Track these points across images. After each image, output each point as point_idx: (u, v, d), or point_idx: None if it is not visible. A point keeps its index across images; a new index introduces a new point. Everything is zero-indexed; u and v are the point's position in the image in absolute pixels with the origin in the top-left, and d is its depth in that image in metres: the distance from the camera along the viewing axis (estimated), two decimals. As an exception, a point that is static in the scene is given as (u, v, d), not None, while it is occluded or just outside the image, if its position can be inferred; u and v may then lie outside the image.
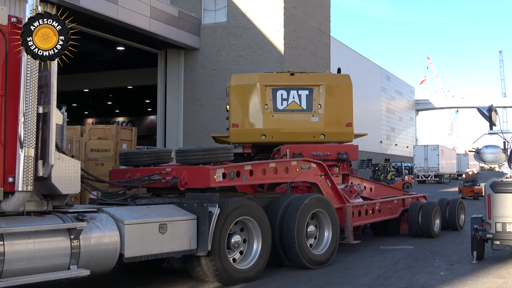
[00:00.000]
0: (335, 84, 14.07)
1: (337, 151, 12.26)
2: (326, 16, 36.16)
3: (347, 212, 10.86)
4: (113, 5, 25.17)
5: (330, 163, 11.98)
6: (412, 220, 13.19)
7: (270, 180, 9.83)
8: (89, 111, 60.70)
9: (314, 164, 10.60)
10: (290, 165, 9.98)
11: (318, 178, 10.60)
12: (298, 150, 11.74)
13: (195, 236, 7.73)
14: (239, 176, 8.76)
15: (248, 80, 14.72)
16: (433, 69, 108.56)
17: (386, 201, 13.24)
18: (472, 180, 29.15)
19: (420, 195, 14.97)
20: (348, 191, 11.74)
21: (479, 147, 10.66)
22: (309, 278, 8.55)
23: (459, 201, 15.06)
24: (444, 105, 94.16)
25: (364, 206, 12.01)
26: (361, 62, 61.32)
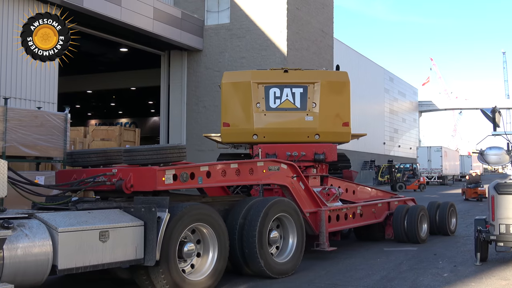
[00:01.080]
0: (331, 81, 13.49)
1: (314, 151, 11.53)
2: (329, 18, 36.18)
3: (322, 217, 10.13)
4: (117, 6, 25.22)
5: (307, 164, 11.36)
6: (397, 225, 12.35)
7: (232, 182, 9.06)
8: (92, 112, 60.86)
9: (284, 165, 9.80)
10: (255, 166, 9.12)
11: (289, 180, 9.80)
12: (272, 150, 11.23)
13: (142, 244, 6.99)
14: (194, 178, 7.94)
15: (240, 77, 14.16)
16: (436, 71, 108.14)
17: (369, 204, 12.41)
18: (476, 181, 29.07)
19: (408, 198, 14.26)
20: (326, 194, 10.98)
21: (482, 149, 10.62)
22: (310, 281, 8.53)
23: (450, 204, 14.08)
24: (447, 106, 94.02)
25: (343, 210, 11.13)
26: (364, 64, 61.27)
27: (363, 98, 59.28)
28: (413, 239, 12.17)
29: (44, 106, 20.33)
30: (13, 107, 13.14)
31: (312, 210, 10.16)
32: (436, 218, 13.59)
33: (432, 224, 13.42)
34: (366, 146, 60.36)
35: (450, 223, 13.85)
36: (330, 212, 10.56)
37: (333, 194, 11.03)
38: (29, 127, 12.04)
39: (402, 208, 12.55)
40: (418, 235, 12.26)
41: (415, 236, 12.18)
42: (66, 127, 12.73)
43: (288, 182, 9.76)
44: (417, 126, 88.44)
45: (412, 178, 42.66)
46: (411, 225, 12.23)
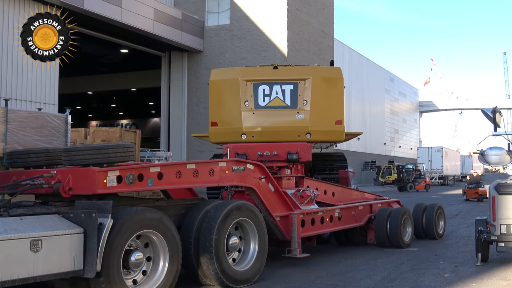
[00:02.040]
0: (323, 77, 12.91)
1: (287, 150, 10.68)
2: (330, 18, 36.20)
3: (293, 221, 9.43)
4: (117, 7, 25.25)
5: (280, 164, 10.59)
6: (379, 229, 11.64)
7: (188, 184, 8.35)
8: (93, 114, 60.91)
9: (250, 166, 9.03)
10: (216, 167, 8.39)
11: (255, 181, 9.02)
12: (243, 149, 10.62)
13: (81, 254, 6.28)
14: (142, 180, 7.20)
15: (228, 74, 13.60)
16: (437, 71, 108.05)
17: (348, 207, 11.61)
18: (476, 182, 29.09)
19: (392, 200, 13.41)
20: (299, 197, 10.21)
21: (483, 149, 10.62)
22: (311, 281, 8.53)
23: (438, 206, 13.33)
24: (448, 106, 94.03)
25: (319, 213, 10.40)
26: (364, 64, 61.32)
27: (363, 99, 59.32)
28: (396, 243, 11.51)
29: (44, 108, 20.33)
30: (14, 109, 13.12)
31: (283, 214, 9.45)
32: (422, 221, 12.92)
33: (419, 228, 12.83)
34: (367, 147, 60.40)
35: (438, 226, 13.19)
36: (303, 215, 9.86)
37: (307, 197, 10.25)
38: (30, 128, 12.02)
39: (385, 211, 11.88)
40: (401, 239, 11.58)
41: (398, 241, 11.51)
42: (66, 129, 12.72)
43: (254, 183, 9.00)
44: (417, 126, 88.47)
45: (419, 179, 42.79)
46: (393, 228, 11.54)
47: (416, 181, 42.08)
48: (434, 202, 13.66)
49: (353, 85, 53.88)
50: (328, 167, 14.72)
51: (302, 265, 9.68)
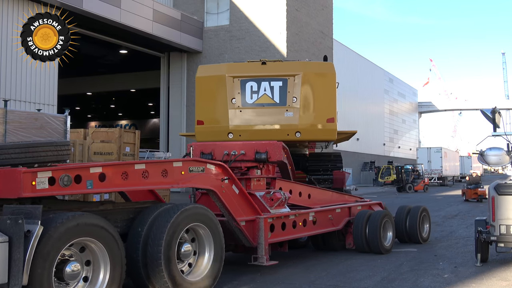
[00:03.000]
0: (314, 73, 12.34)
1: (256, 149, 9.58)
2: (329, 19, 36.21)
3: (260, 226, 8.65)
4: (116, 8, 25.25)
5: (250, 164, 9.63)
6: (358, 233, 10.91)
7: (136, 186, 7.38)
8: (92, 115, 60.91)
9: (211, 166, 8.23)
10: (171, 167, 7.59)
11: (217, 183, 8.21)
12: (209, 148, 9.72)
13: (6, 265, 5.54)
14: (80, 182, 6.36)
15: (214, 70, 13.12)
16: (436, 71, 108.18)
17: (324, 210, 10.79)
18: (476, 182, 29.11)
19: (374, 203, 12.56)
20: (269, 199, 9.35)
21: (482, 149, 10.62)
22: (311, 282, 8.52)
23: (422, 208, 12.62)
24: (447, 107, 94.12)
25: (291, 217, 9.62)
26: (364, 65, 61.35)
27: (362, 99, 59.35)
28: (375, 249, 10.80)
29: (44, 108, 20.33)
30: (13, 109, 13.16)
31: (249, 218, 8.66)
32: (406, 225, 12.20)
33: (402, 232, 12.14)
34: (366, 147, 60.43)
35: (422, 229, 12.50)
36: (273, 220, 9.09)
37: (277, 199, 9.36)
38: (29, 129, 12.05)
39: (364, 214, 11.12)
40: (381, 244, 10.87)
41: (377, 246, 10.79)
42: (66, 129, 12.75)
43: (215, 185, 8.19)
44: (417, 127, 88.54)
45: (418, 179, 42.81)
46: (373, 233, 10.81)
47: (415, 182, 42.11)
48: (419, 204, 13.01)
49: (352, 86, 53.93)
50: (323, 167, 14.24)
51: (302, 266, 9.68)
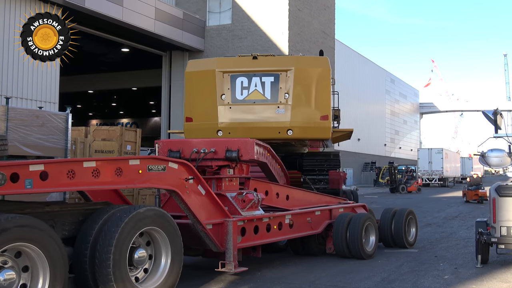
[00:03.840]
0: (307, 68, 11.84)
1: (226, 147, 8.86)
2: (331, 19, 36.19)
3: (229, 229, 8.00)
4: (118, 6, 25.24)
5: (221, 163, 8.94)
6: (338, 237, 10.29)
7: (85, 186, 6.71)
8: (93, 113, 60.91)
9: (174, 164, 7.58)
10: (126, 165, 6.94)
11: (180, 183, 7.57)
12: (177, 145, 9.06)
13: None
14: (17, 180, 5.80)
15: (204, 65, 12.58)
16: (437, 72, 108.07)
17: (303, 212, 10.18)
18: (476, 183, 29.10)
19: (357, 205, 12.04)
20: (241, 201, 8.73)
21: (484, 151, 10.61)
22: (310, 282, 8.52)
23: (408, 211, 11.98)
24: (449, 108, 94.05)
25: (265, 220, 8.95)
26: (365, 65, 61.32)
27: (364, 100, 59.32)
28: (357, 254, 10.24)
29: (45, 106, 20.34)
30: (15, 107, 13.14)
31: (216, 221, 8.04)
32: (391, 228, 11.61)
33: (387, 235, 11.60)
34: (367, 148, 60.40)
35: (408, 233, 11.91)
36: (244, 223, 8.46)
37: (250, 201, 8.73)
38: (31, 126, 12.03)
39: (345, 217, 10.49)
40: (363, 249, 10.29)
41: (358, 251, 10.23)
42: (67, 127, 12.73)
43: (178, 185, 7.56)
44: (418, 127, 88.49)
45: (411, 180, 42.70)
46: (354, 237, 10.21)
47: (408, 183, 41.88)
48: (404, 207, 12.45)
49: (353, 86, 53.91)
50: (318, 167, 13.67)
51: (302, 266, 9.68)
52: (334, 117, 16.54)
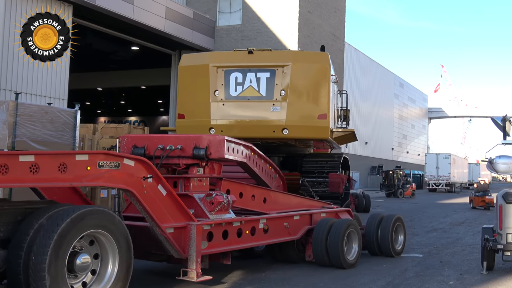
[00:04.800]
0: (305, 64, 11.27)
1: (194, 144, 8.07)
2: (341, 22, 36.15)
3: (192, 234, 7.28)
4: (129, 5, 25.32)
5: (191, 162, 8.15)
6: (318, 244, 9.55)
7: (21, 183, 5.96)
8: (102, 110, 61.10)
9: (130, 161, 6.82)
10: (72, 161, 6.19)
11: (136, 182, 6.82)
12: (143, 141, 8.32)
13: None
14: None
15: (198, 60, 12.10)
16: (447, 77, 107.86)
17: (279, 217, 9.39)
18: (484, 190, 28.98)
19: (342, 210, 11.23)
20: (209, 203, 7.93)
21: (492, 157, 10.58)
22: (314, 284, 8.51)
23: (396, 218, 11.23)
24: (457, 113, 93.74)
25: (235, 224, 8.23)
26: (374, 68, 61.22)
27: (372, 103, 59.21)
28: (337, 262, 9.50)
29: (54, 102, 20.42)
30: (24, 102, 13.21)
31: (178, 225, 7.33)
32: (377, 235, 10.91)
33: (372, 243, 10.90)
34: (374, 151, 60.27)
35: (396, 241, 11.17)
36: (211, 227, 7.75)
37: (218, 203, 7.93)
38: (39, 122, 12.10)
39: (325, 223, 9.74)
40: (343, 257, 9.53)
41: (339, 259, 9.46)
42: (75, 124, 12.80)
43: (133, 184, 6.81)
44: (426, 132, 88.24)
45: (407, 185, 42.26)
46: (334, 245, 9.46)
47: (404, 187, 41.42)
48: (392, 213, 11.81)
49: (362, 89, 53.81)
50: (318, 169, 12.87)
51: (306, 268, 9.65)
52: (343, 118, 15.89)
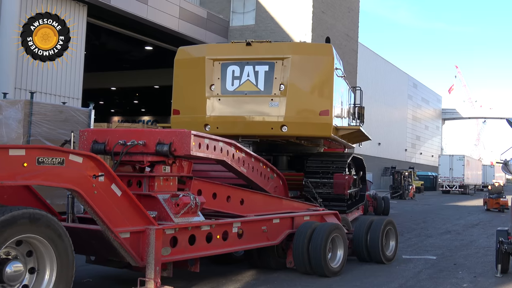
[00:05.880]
0: (307, 56, 10.63)
1: (159, 139, 7.24)
2: (355, 22, 36.06)
3: (150, 240, 6.47)
4: (143, 5, 25.44)
5: (156, 159, 7.30)
6: (298, 250, 8.74)
7: None
8: (115, 109, 61.44)
9: (77, 157, 6.01)
10: (5, 156, 5.43)
11: (85, 181, 6.01)
12: (104, 135, 7.52)
13: None
14: None
15: (194, 52, 11.48)
16: (461, 78, 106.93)
17: (256, 220, 8.51)
18: (498, 192, 28.74)
19: (328, 213, 10.27)
20: (174, 204, 7.15)
21: (507, 159, 10.48)
22: (327, 285, 8.48)
23: (387, 221, 10.45)
24: (471, 115, 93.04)
25: (204, 228, 7.39)
26: (388, 69, 60.97)
27: (386, 104, 58.96)
28: (319, 270, 8.71)
29: (69, 102, 20.56)
30: (39, 102, 13.33)
31: (135, 229, 6.52)
32: (366, 240, 10.07)
33: (361, 249, 10.08)
34: (387, 152, 60.00)
35: (387, 247, 10.40)
36: (175, 231, 6.92)
37: (184, 205, 7.17)
38: (54, 121, 12.22)
39: (308, 227, 8.92)
40: (326, 265, 8.72)
41: (321, 267, 8.66)
42: (89, 123, 12.91)
43: (81, 184, 5.99)
44: (439, 134, 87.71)
45: (409, 186, 41.71)
46: (316, 250, 8.63)
47: (407, 189, 40.53)
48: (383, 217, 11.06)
49: (375, 90, 53.60)
50: (323, 169, 11.90)
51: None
52: (358, 115, 15.58)
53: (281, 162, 12.72)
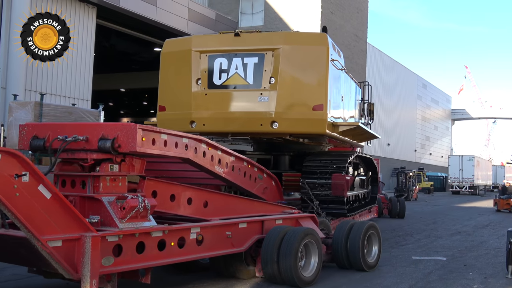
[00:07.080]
0: (298, 46, 9.89)
1: (102, 133, 6.38)
2: (364, 22, 35.98)
3: (86, 249, 5.63)
4: (152, 6, 25.51)
5: (102, 156, 6.43)
6: (267, 258, 7.85)
7: None
8: (125, 111, 61.63)
9: None
10: None
11: (4, 181, 5.19)
12: (45, 130, 6.72)
13: None
14: None
15: (181, 45, 10.84)
16: (471, 79, 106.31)
17: (219, 224, 7.61)
18: (509, 192, 28.61)
19: (303, 215, 9.29)
20: (119, 208, 6.27)
21: (517, 159, 10.41)
22: (336, 286, 8.45)
23: (369, 225, 9.59)
24: (481, 115, 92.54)
25: (155, 234, 6.52)
26: (397, 69, 60.78)
27: (395, 104, 58.78)
28: (290, 280, 7.78)
29: (78, 103, 20.66)
30: (49, 103, 13.39)
31: (68, 236, 5.68)
32: (346, 246, 9.23)
33: (340, 255, 9.25)
34: (397, 153, 59.80)
35: (368, 253, 9.55)
36: (119, 238, 6.09)
37: (131, 208, 6.28)
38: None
39: (278, 232, 8.00)
40: (297, 274, 7.80)
41: (291, 276, 7.73)
42: (99, 124, 12.93)
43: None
44: (449, 134, 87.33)
45: (413, 186, 41.22)
46: (286, 258, 7.73)
47: (411, 190, 39.54)
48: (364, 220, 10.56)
49: (384, 90, 53.45)
50: (321, 169, 11.07)
51: (324, 271, 9.47)
52: (368, 112, 15.06)
53: (281, 162, 12.35)
